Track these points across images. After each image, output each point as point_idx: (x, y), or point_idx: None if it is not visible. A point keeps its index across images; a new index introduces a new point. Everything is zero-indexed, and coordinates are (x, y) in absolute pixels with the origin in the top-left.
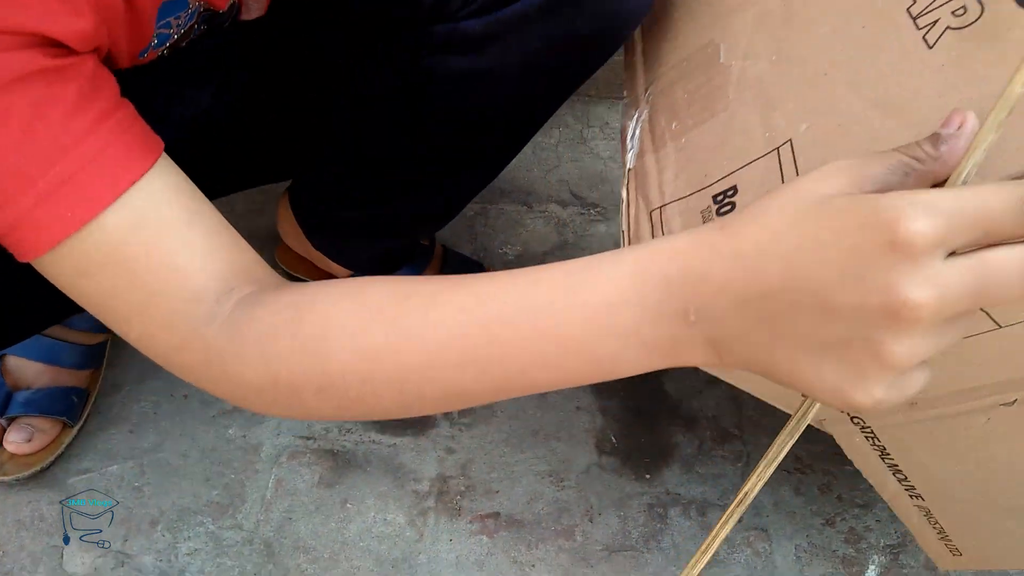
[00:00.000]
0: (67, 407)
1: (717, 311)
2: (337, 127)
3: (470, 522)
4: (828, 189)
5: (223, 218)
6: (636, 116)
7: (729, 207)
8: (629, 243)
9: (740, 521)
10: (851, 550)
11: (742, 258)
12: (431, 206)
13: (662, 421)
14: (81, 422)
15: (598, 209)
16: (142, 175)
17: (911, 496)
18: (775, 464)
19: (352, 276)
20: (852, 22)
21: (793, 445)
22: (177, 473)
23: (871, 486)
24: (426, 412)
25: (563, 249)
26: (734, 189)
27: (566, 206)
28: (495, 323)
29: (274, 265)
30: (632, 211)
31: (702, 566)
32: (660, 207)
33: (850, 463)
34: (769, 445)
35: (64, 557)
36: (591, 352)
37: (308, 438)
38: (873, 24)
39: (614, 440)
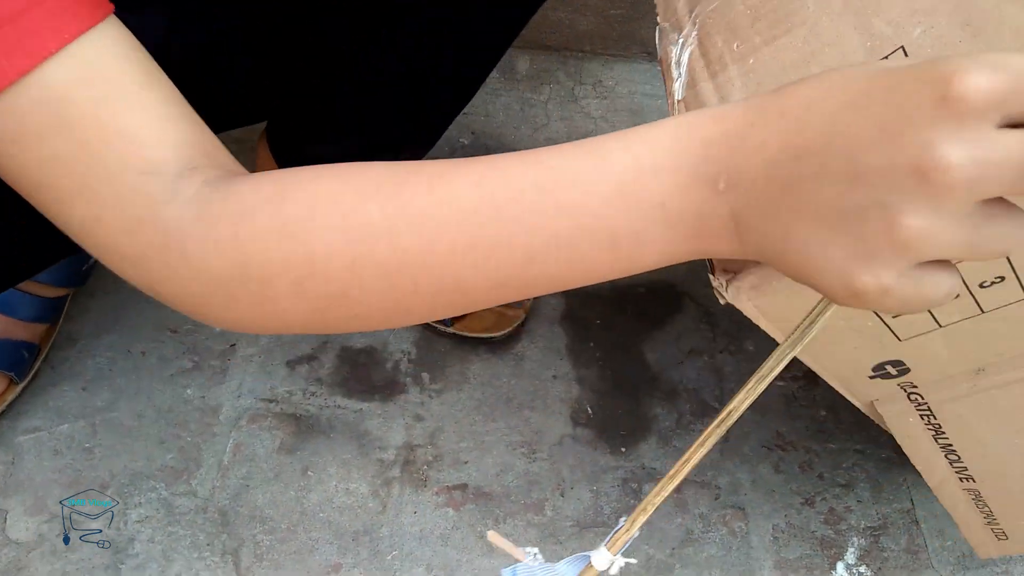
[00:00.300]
0: (16, 361)
1: (748, 175)
2: (340, 114)
3: (436, 493)
4: (901, 63)
5: (181, 95)
6: (680, 40)
7: None
8: None
9: (716, 499)
10: (830, 531)
11: (785, 116)
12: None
13: (640, 393)
14: (28, 379)
15: None
16: (93, 26)
17: (961, 479)
18: (767, 381)
19: None
20: None
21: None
22: (130, 434)
23: (853, 464)
24: (412, 318)
25: None
26: None
27: None
28: (508, 197)
29: None
30: None
31: (667, 493)
32: None
33: (833, 441)
34: (749, 418)
35: (7, 522)
36: (610, 230)
37: (270, 400)
38: None
39: (590, 411)
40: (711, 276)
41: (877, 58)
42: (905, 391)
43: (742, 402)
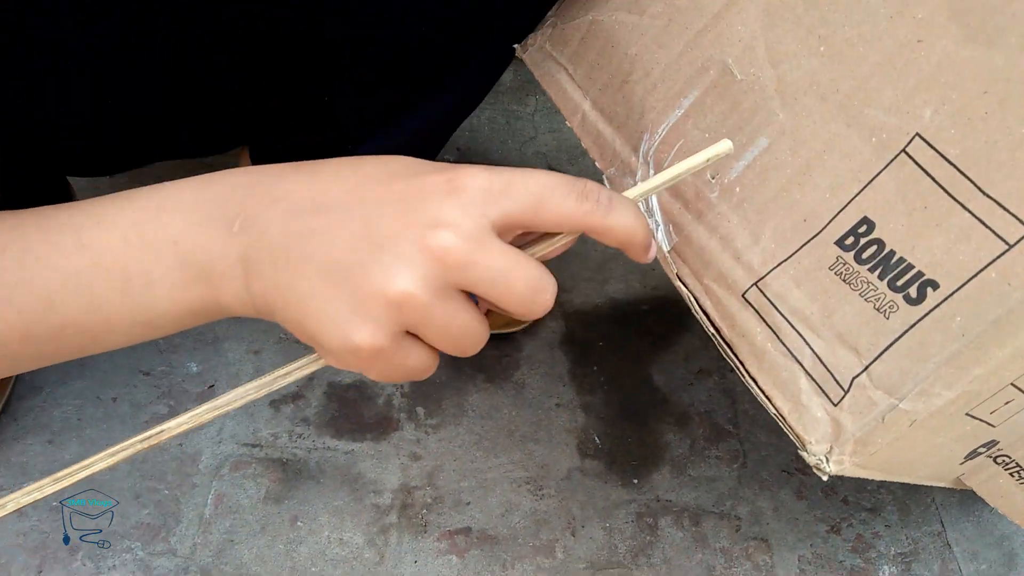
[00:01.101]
0: None
1: (264, 219)
2: (340, 113)
3: (438, 539)
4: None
5: None
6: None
7: (874, 248)
8: (728, 346)
9: (737, 531)
10: (859, 560)
11: (316, 176)
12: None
13: (650, 418)
14: None
15: None
16: None
17: None
18: (218, 413)
19: None
20: None
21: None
22: (102, 490)
23: (879, 486)
24: None
25: None
26: (864, 222)
27: None
28: (39, 237)
29: None
30: (710, 304)
31: (41, 496)
32: (757, 282)
33: None
34: (766, 441)
35: None
36: (123, 268)
37: (254, 445)
38: None
39: (598, 441)
40: (803, 454)
41: (894, 151)
42: (992, 458)
43: (180, 425)
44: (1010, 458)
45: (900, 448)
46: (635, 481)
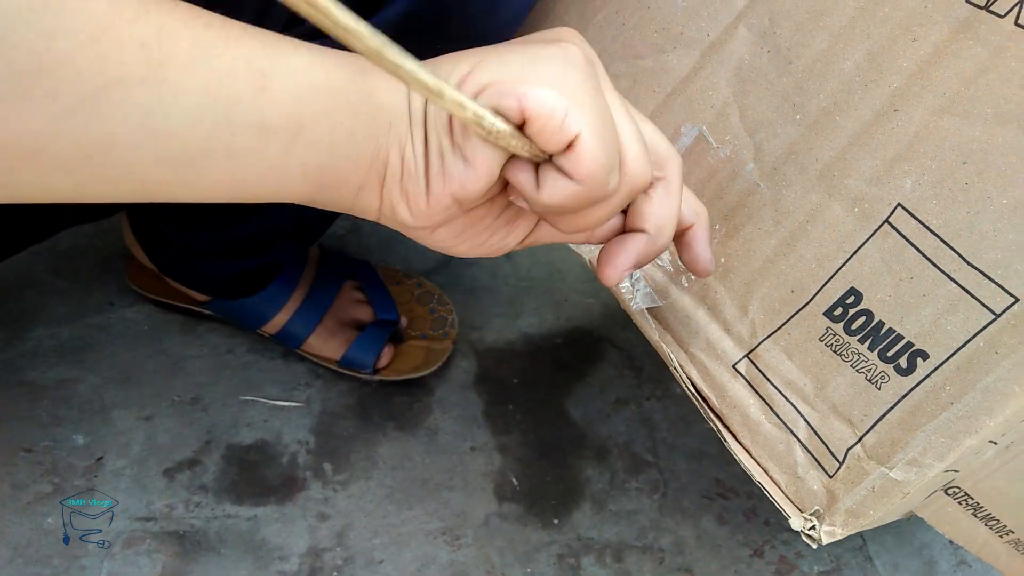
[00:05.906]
0: None
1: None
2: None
3: None
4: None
5: None
6: None
7: (863, 319)
8: (717, 417)
9: (661, 563)
10: None
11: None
12: (289, 220)
13: (568, 454)
14: None
15: None
16: None
17: (1001, 536)
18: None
19: (210, 301)
20: (897, 41)
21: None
22: None
23: None
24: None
25: (447, 268)
26: (852, 293)
27: None
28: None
29: (125, 286)
30: (695, 373)
31: None
32: (748, 354)
33: None
34: (685, 468)
35: None
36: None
37: (147, 519)
38: (924, 34)
39: (515, 483)
40: (794, 520)
41: (877, 222)
42: (944, 491)
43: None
44: (959, 489)
45: (885, 514)
46: (555, 521)
